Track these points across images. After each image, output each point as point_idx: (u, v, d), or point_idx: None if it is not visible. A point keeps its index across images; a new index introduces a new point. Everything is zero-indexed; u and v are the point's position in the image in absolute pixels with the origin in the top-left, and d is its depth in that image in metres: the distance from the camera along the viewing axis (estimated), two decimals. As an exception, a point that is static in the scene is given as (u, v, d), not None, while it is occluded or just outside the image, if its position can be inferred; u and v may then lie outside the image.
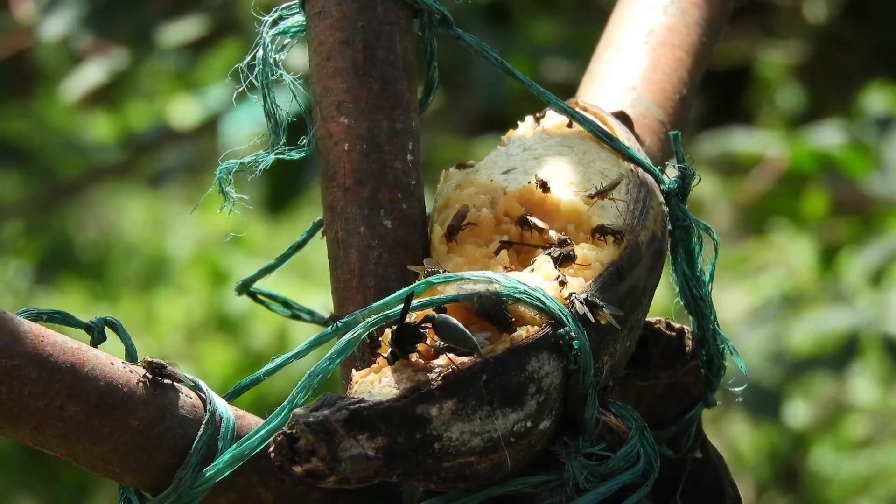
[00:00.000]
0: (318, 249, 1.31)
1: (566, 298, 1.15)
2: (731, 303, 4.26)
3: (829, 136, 3.74)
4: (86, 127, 5.75)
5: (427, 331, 1.12)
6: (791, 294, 3.95)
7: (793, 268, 4.21)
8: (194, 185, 4.86)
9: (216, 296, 5.22)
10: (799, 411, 4.35)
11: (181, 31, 3.89)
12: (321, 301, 1.41)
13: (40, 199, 4.80)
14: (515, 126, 1.36)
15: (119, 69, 3.91)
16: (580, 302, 1.14)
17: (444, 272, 1.18)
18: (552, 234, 1.21)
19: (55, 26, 3.67)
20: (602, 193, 1.22)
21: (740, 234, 4.68)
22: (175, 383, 1.15)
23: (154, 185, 4.72)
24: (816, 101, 4.56)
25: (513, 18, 3.94)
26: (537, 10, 4.10)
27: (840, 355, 3.66)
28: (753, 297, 4.21)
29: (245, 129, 3.94)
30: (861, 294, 3.82)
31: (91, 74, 3.96)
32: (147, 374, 1.14)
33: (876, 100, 4.15)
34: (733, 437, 4.47)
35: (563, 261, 1.18)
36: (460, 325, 1.11)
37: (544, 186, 1.22)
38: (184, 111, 4.50)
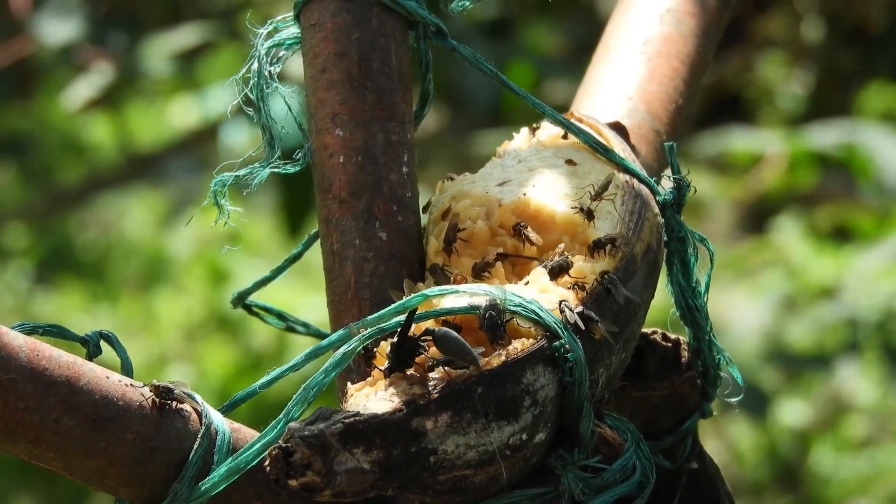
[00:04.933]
0: (319, 250, 1.31)
1: (560, 310, 1.15)
2: (731, 303, 4.26)
3: (827, 135, 3.75)
4: (86, 129, 5.75)
5: (425, 343, 1.12)
6: (790, 294, 3.95)
7: (792, 267, 4.21)
8: (195, 184, 4.86)
9: (216, 296, 5.23)
10: (799, 411, 4.35)
11: (180, 38, 3.90)
12: (320, 302, 1.42)
13: (42, 205, 4.81)
14: (511, 135, 1.35)
15: (117, 78, 3.91)
16: (570, 310, 1.14)
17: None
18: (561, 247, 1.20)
19: (55, 31, 3.67)
20: (598, 196, 1.22)
21: (740, 233, 4.68)
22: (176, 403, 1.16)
23: (162, 196, 4.73)
24: (816, 101, 4.56)
25: (513, 31, 3.94)
26: (537, 20, 4.11)
27: (839, 353, 3.67)
28: (753, 297, 4.21)
29: (245, 131, 3.95)
30: (861, 294, 3.83)
31: (90, 85, 3.97)
32: (154, 399, 1.14)
33: (876, 100, 4.15)
34: (733, 437, 4.47)
35: (558, 273, 1.18)
36: (461, 339, 1.11)
37: (590, 214, 1.22)
38: (184, 114, 4.50)
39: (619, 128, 1.32)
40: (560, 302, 1.15)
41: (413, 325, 1.13)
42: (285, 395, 1.15)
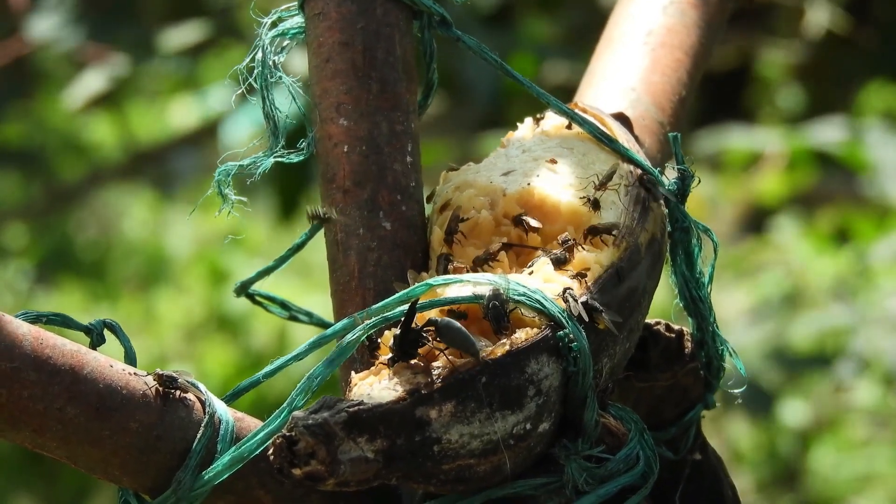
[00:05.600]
0: (318, 249, 1.30)
1: (563, 299, 1.15)
2: (731, 302, 4.27)
3: (827, 133, 3.75)
4: (87, 128, 5.75)
5: (428, 333, 1.12)
6: (791, 293, 3.95)
7: (792, 266, 4.21)
8: (195, 184, 4.87)
9: (216, 295, 5.22)
10: (799, 411, 4.35)
11: (181, 36, 3.90)
12: (320, 301, 1.41)
13: (42, 204, 4.81)
14: (516, 126, 1.35)
15: (119, 76, 3.91)
16: (574, 300, 1.14)
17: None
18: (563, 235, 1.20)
19: (54, 29, 3.67)
20: (602, 185, 1.22)
21: (740, 233, 4.68)
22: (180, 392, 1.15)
23: (163, 191, 4.74)
24: (816, 100, 4.56)
25: (514, 19, 3.94)
26: (538, 9, 4.11)
27: (840, 357, 3.67)
28: (753, 297, 4.21)
29: (246, 130, 3.95)
30: (861, 293, 3.83)
31: (92, 82, 3.97)
32: (158, 388, 1.14)
33: (876, 100, 4.15)
34: (733, 436, 4.47)
35: (563, 262, 1.18)
36: (464, 329, 1.11)
37: (595, 204, 1.22)
38: (185, 112, 4.50)
39: (623, 118, 1.32)
40: (564, 290, 1.15)
41: (417, 315, 1.13)
42: (286, 394, 1.15)
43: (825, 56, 4.49)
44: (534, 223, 1.21)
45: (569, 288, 1.15)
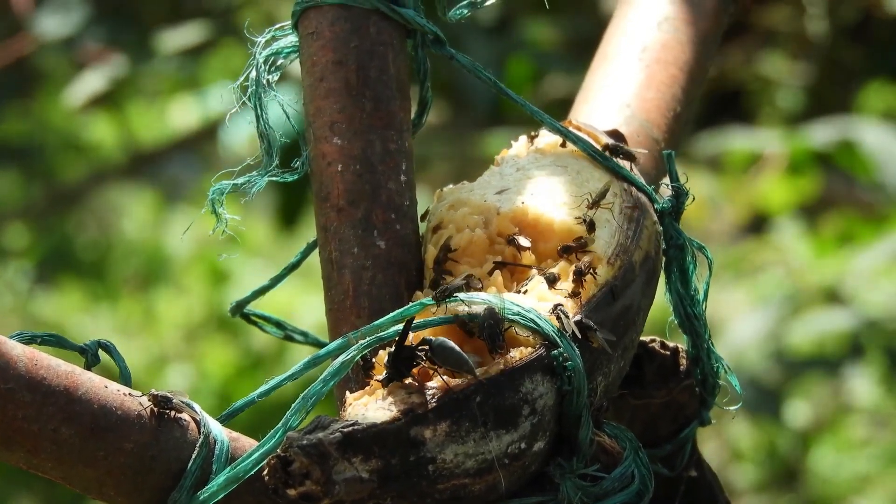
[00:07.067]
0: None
1: (556, 317, 1.15)
2: (731, 303, 4.27)
3: (828, 134, 3.75)
4: (88, 128, 5.75)
5: (422, 353, 1.12)
6: (791, 294, 3.95)
7: (792, 267, 4.21)
8: (195, 183, 4.87)
9: (216, 296, 5.23)
10: (799, 411, 4.36)
11: (181, 36, 3.90)
12: (320, 304, 1.42)
13: (42, 204, 4.81)
14: (514, 130, 1.35)
15: (119, 76, 3.92)
16: (567, 318, 1.14)
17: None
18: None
19: (55, 29, 3.68)
20: (596, 203, 1.22)
21: (740, 233, 4.68)
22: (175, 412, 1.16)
23: (163, 191, 4.74)
24: (817, 101, 4.56)
25: (514, 26, 3.94)
26: (538, 16, 4.10)
27: (840, 358, 3.67)
28: (753, 298, 4.21)
29: (246, 131, 3.95)
30: (861, 294, 3.83)
31: (92, 82, 3.97)
32: (153, 408, 1.14)
33: (876, 100, 4.15)
34: (733, 436, 4.47)
35: (556, 281, 1.18)
36: (458, 349, 1.11)
37: (591, 226, 1.22)
38: (185, 112, 4.50)
39: (617, 135, 1.32)
40: (555, 308, 1.15)
41: (412, 335, 1.13)
42: (285, 398, 1.15)
43: (825, 56, 4.49)
44: (523, 242, 1.21)
45: (562, 306, 1.16)
